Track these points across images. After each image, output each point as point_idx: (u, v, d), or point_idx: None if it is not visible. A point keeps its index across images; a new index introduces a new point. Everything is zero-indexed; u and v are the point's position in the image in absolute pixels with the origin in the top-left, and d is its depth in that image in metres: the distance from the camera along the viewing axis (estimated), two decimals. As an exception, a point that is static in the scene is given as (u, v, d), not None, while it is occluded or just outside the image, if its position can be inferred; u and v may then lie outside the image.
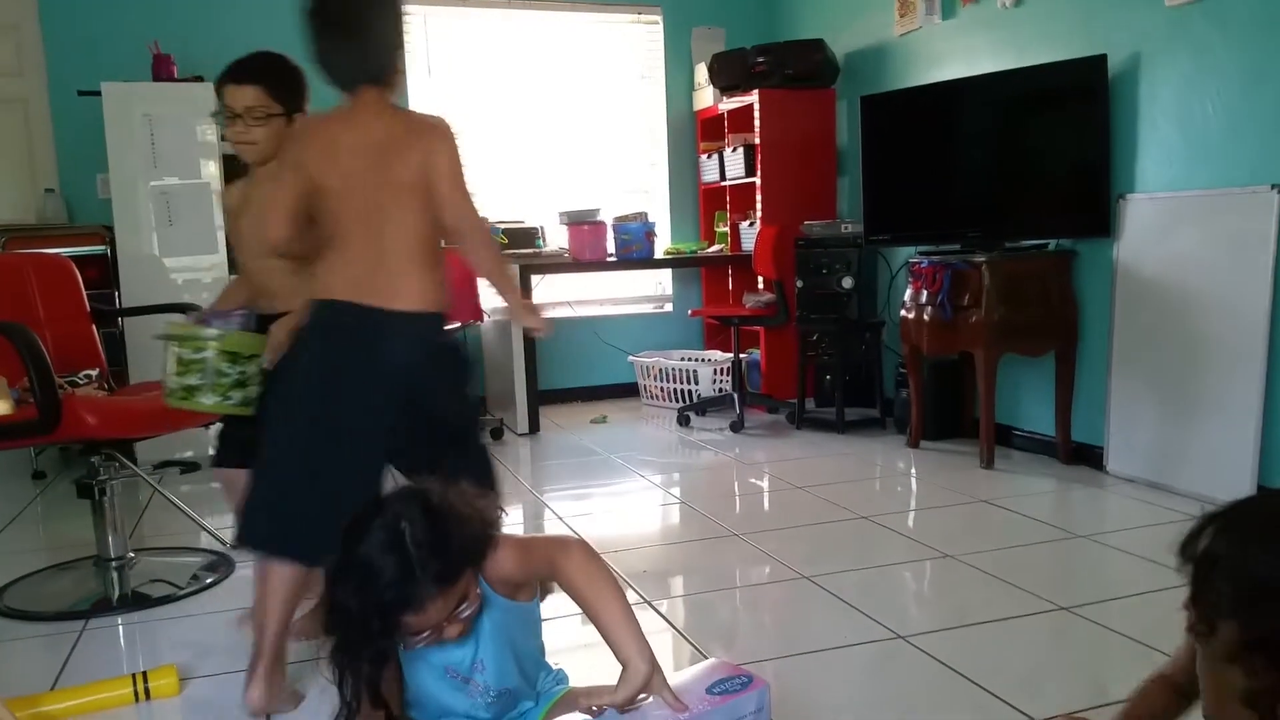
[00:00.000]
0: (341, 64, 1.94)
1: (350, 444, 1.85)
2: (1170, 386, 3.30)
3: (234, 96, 2.16)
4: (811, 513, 3.21)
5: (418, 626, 1.38)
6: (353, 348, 1.87)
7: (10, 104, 4.65)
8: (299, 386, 1.89)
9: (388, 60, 1.96)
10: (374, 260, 1.89)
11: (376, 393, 1.85)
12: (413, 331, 1.90)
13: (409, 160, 1.90)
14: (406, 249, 1.91)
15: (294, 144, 2.04)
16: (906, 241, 4.34)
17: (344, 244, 1.91)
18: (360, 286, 1.88)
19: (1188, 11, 3.18)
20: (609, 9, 5.54)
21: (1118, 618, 2.23)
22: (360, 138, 1.91)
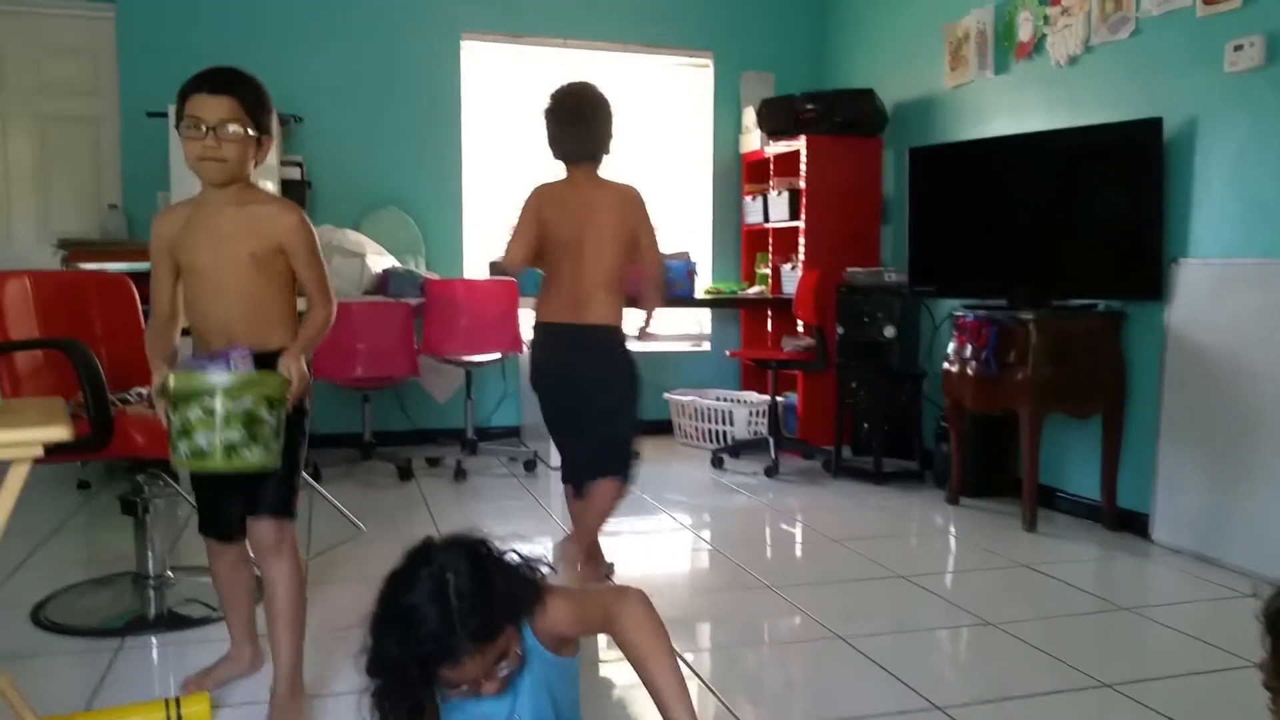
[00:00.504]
0: (569, 146, 2.87)
1: (575, 413, 2.89)
2: (1220, 456, 3.24)
3: (207, 107, 1.94)
4: (846, 567, 3.17)
5: (455, 680, 1.37)
6: (562, 352, 2.88)
7: (83, 122, 4.82)
8: (551, 388, 2.94)
9: (600, 146, 2.86)
10: (574, 289, 2.82)
11: (584, 382, 2.86)
12: (597, 336, 2.84)
13: (610, 217, 2.81)
14: (600, 281, 2.82)
15: (536, 199, 2.90)
16: (951, 294, 4.31)
17: (556, 277, 2.85)
18: (566, 310, 2.84)
19: (1248, 79, 3.15)
20: (662, 51, 5.60)
21: (1162, 698, 2.18)
22: (580, 200, 2.82)
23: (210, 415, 1.78)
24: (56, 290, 2.87)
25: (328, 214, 4.89)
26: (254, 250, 1.99)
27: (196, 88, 1.96)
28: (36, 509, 3.74)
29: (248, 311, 2.01)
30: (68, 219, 4.74)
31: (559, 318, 2.86)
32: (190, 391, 1.79)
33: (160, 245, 2.05)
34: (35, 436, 1.74)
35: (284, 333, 2.06)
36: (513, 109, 5.40)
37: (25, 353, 2.61)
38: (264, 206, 2.05)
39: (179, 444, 1.82)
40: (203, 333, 2.05)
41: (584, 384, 2.87)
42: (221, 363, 1.88)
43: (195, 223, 2.01)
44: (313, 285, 2.10)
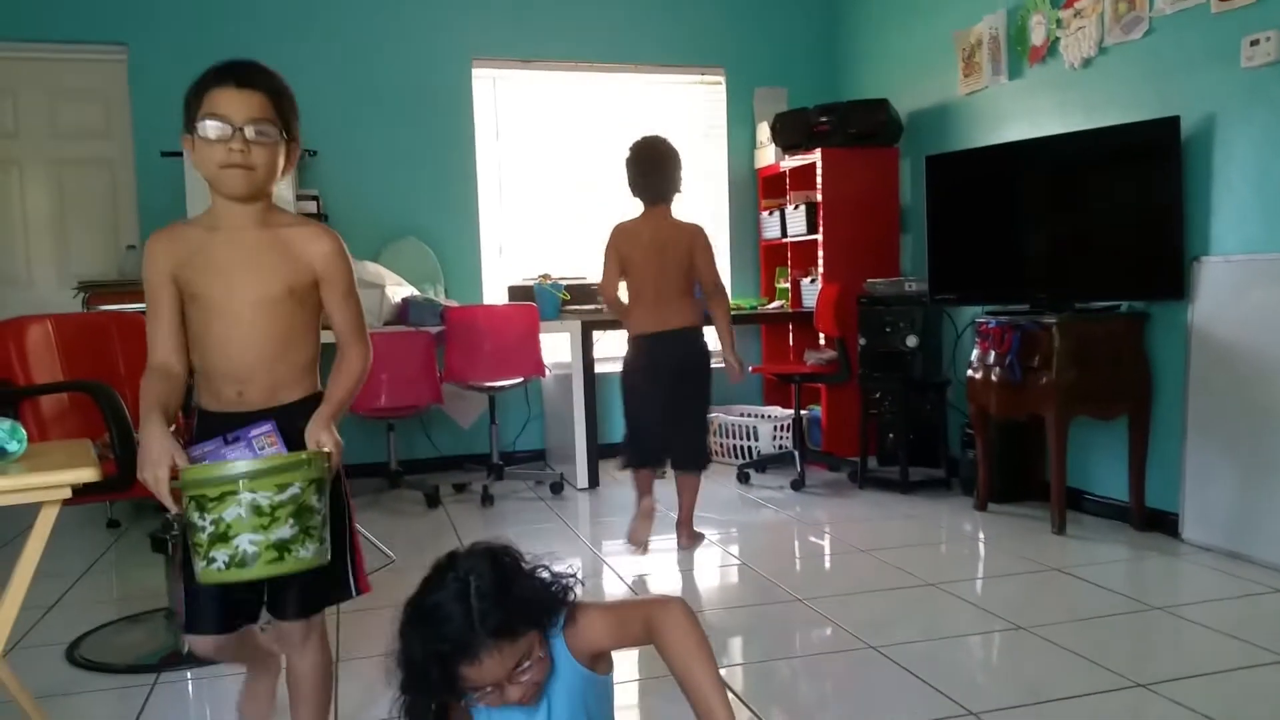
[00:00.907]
0: (647, 191, 3.51)
1: (660, 404, 3.51)
2: (1248, 452, 3.20)
3: (234, 103, 1.65)
4: (876, 577, 3.15)
5: (476, 680, 1.37)
6: (646, 353, 3.52)
7: (98, 164, 4.88)
8: (638, 380, 3.57)
9: (670, 190, 3.53)
10: (655, 304, 3.48)
11: (662, 373, 3.49)
12: (682, 337, 3.50)
13: (679, 248, 3.48)
14: (675, 294, 3.49)
15: (615, 238, 3.53)
16: (973, 301, 4.29)
17: (640, 296, 3.51)
18: (652, 322, 3.49)
19: (1265, 73, 3.13)
20: (673, 70, 5.63)
21: (1198, 696, 2.15)
22: (654, 234, 3.48)
23: (256, 513, 1.47)
24: (78, 332, 2.91)
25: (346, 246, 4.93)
26: (290, 283, 1.69)
27: (220, 80, 1.65)
28: (67, 549, 3.79)
29: (271, 355, 1.69)
30: (86, 261, 4.81)
31: (647, 329, 3.51)
32: (223, 486, 1.46)
33: (160, 271, 1.69)
34: (64, 479, 1.77)
35: (307, 382, 1.76)
36: (528, 136, 5.45)
37: (51, 396, 2.65)
38: (295, 229, 1.74)
39: (213, 552, 1.48)
40: (210, 378, 1.73)
41: (670, 379, 3.51)
42: (242, 446, 1.58)
43: (209, 246, 1.68)
44: (348, 325, 1.79)
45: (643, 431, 3.58)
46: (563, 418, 4.93)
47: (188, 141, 1.67)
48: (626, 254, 3.49)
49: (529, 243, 5.49)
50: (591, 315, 4.98)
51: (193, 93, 1.67)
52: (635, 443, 3.61)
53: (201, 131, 1.63)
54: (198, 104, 1.65)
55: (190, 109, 1.66)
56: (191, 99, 1.66)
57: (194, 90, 1.67)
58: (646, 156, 3.52)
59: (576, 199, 5.49)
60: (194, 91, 1.67)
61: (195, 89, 1.67)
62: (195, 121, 1.64)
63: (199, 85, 1.67)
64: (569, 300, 4.99)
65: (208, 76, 1.67)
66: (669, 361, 3.50)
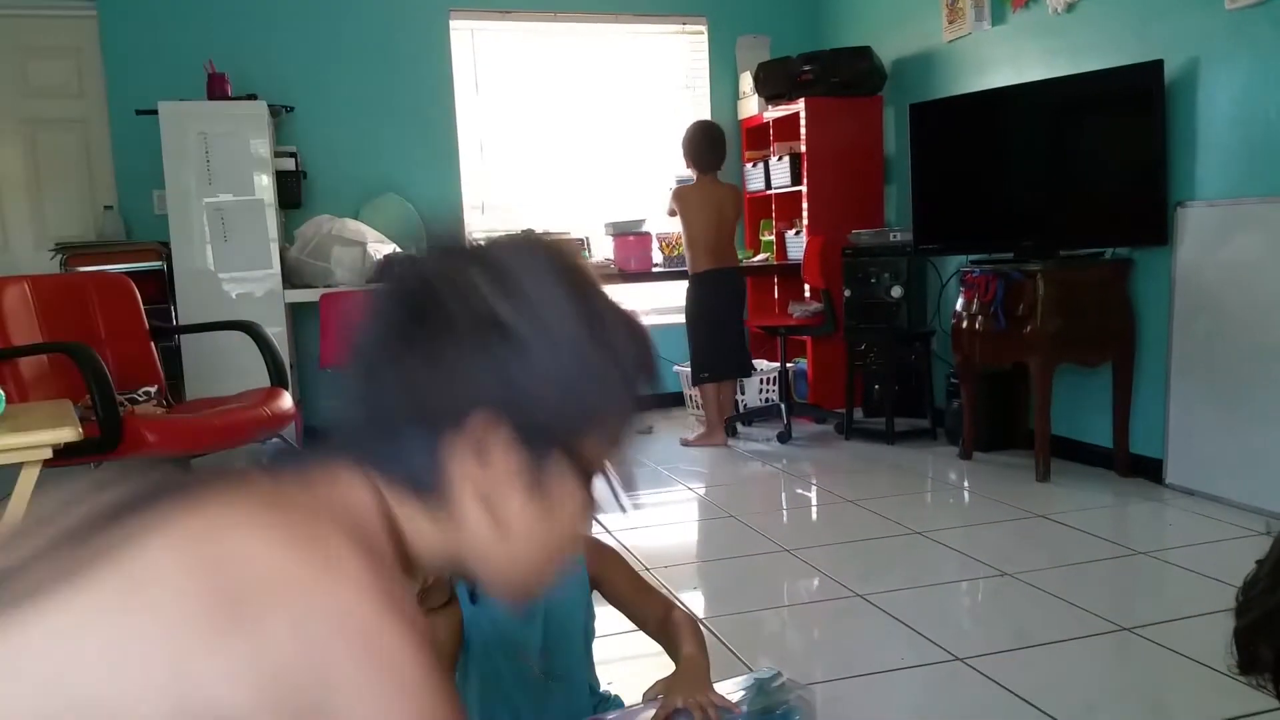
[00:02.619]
0: (706, 162, 4.54)
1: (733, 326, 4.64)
2: (1231, 397, 3.22)
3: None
4: (863, 527, 3.18)
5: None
6: (721, 285, 4.56)
7: (71, 124, 4.78)
8: (715, 305, 4.58)
9: (721, 162, 4.59)
10: (715, 247, 4.50)
11: (734, 300, 4.64)
12: (736, 273, 4.69)
13: (725, 205, 4.56)
14: (727, 239, 4.58)
15: (678, 199, 4.54)
16: (957, 250, 4.28)
17: (700, 242, 4.50)
18: (713, 260, 4.51)
19: (1249, 14, 3.10)
20: (654, 19, 5.55)
21: (1182, 639, 2.17)
22: (711, 194, 4.53)
23: None
24: (57, 293, 2.88)
25: (325, 204, 4.88)
26: None
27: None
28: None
29: None
30: (63, 223, 4.73)
31: (710, 265, 4.51)
32: None
33: None
34: (43, 439, 1.76)
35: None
36: (507, 90, 5.37)
37: (31, 358, 2.62)
38: None
39: None
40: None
41: (731, 303, 4.62)
42: None
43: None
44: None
45: (726, 347, 4.57)
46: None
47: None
48: (689, 210, 4.49)
49: (511, 197, 5.43)
50: (576, 270, 4.95)
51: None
52: (720, 356, 4.57)
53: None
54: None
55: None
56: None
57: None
58: (715, 136, 4.58)
59: (557, 152, 5.43)
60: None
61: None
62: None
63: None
64: (553, 256, 4.96)
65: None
66: (732, 288, 4.62)
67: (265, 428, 2.84)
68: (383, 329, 0.72)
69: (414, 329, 0.69)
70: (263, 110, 4.29)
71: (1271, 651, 0.99)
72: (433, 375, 0.68)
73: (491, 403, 0.67)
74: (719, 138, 4.60)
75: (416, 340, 0.69)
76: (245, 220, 4.22)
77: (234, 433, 2.79)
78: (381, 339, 0.72)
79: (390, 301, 0.73)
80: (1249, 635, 1.01)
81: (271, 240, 4.27)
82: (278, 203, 4.42)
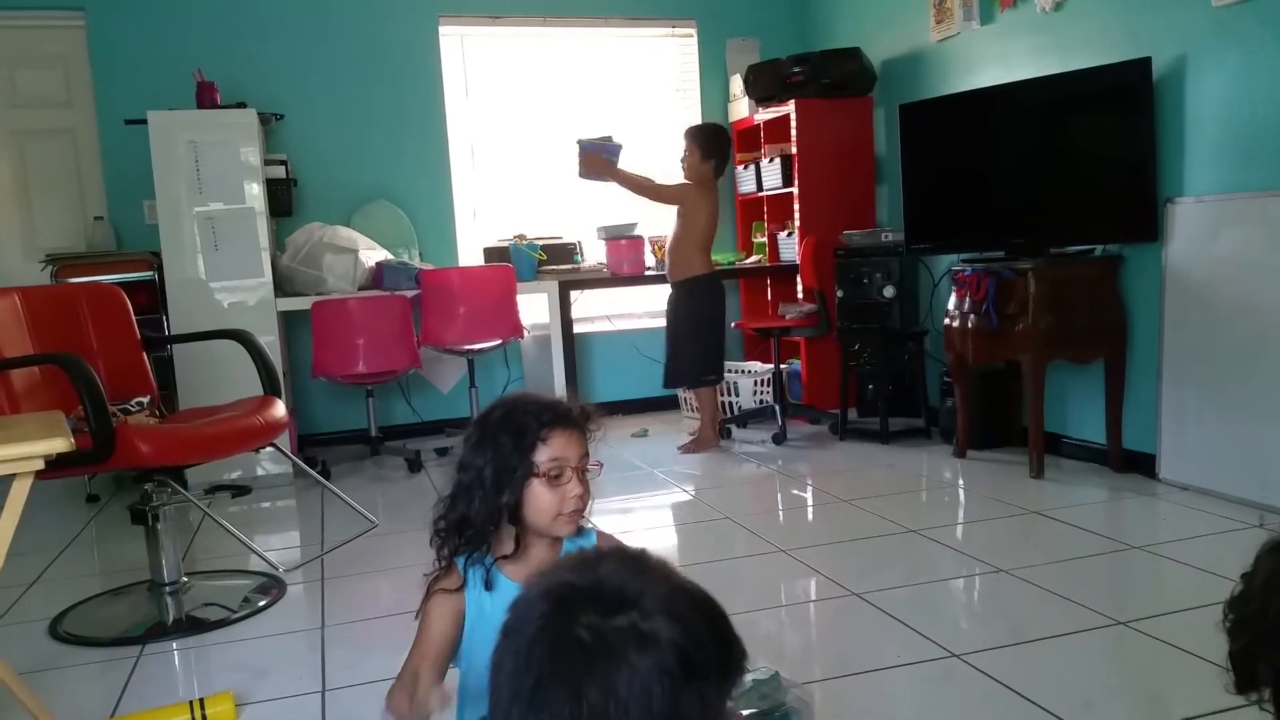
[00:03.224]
0: (723, 166, 4.50)
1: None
2: (1224, 391, 3.23)
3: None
4: (858, 526, 3.18)
5: (559, 450, 1.41)
6: (721, 288, 4.64)
7: (60, 134, 4.77)
8: (722, 306, 4.62)
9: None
10: (711, 250, 4.55)
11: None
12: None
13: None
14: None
15: (701, 196, 4.41)
16: (949, 249, 4.30)
17: (709, 244, 4.51)
18: (712, 262, 4.59)
19: (1235, 11, 3.12)
20: (643, 23, 5.56)
21: (1177, 632, 2.18)
22: (716, 198, 4.48)
23: None
24: (48, 305, 2.87)
25: (316, 211, 4.88)
26: None
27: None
28: (47, 525, 3.76)
29: None
30: (53, 234, 4.71)
31: (713, 268, 4.57)
32: None
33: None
34: (35, 450, 1.75)
35: None
36: (498, 95, 5.37)
37: (22, 370, 2.61)
38: None
39: None
40: None
41: (726, 306, 4.70)
42: None
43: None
44: None
45: (723, 350, 4.63)
46: (543, 379, 4.91)
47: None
48: (709, 209, 4.44)
49: (503, 203, 5.43)
50: (569, 275, 4.95)
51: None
52: (721, 359, 4.61)
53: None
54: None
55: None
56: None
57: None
58: (728, 139, 4.64)
59: (549, 157, 5.43)
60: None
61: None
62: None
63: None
64: (545, 260, 4.96)
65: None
66: (723, 291, 4.67)
67: (259, 437, 2.82)
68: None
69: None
70: (252, 118, 4.29)
71: (1270, 671, 0.99)
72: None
73: None
74: (729, 142, 4.67)
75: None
76: (236, 229, 4.22)
77: (227, 442, 2.78)
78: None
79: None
80: (1246, 657, 1.02)
81: (263, 248, 4.26)
82: (269, 211, 4.41)
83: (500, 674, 0.82)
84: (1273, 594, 1.01)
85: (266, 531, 3.65)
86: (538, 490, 1.42)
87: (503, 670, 0.82)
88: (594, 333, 5.51)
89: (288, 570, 2.99)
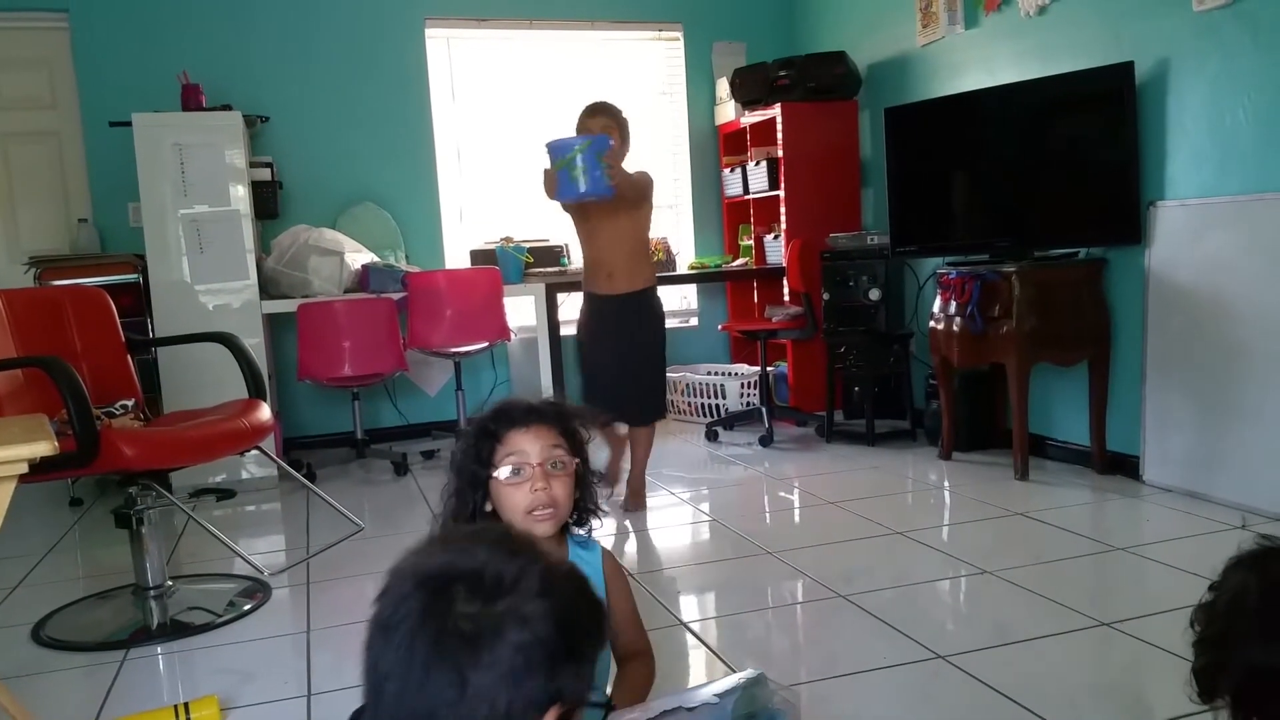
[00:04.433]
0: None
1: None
2: (1207, 394, 3.26)
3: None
4: (845, 528, 3.19)
5: (516, 445, 1.44)
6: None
7: (44, 136, 4.74)
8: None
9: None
10: None
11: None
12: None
13: None
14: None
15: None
16: (934, 252, 4.32)
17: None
18: None
19: (1216, 16, 3.14)
20: (630, 26, 5.56)
21: (1161, 633, 2.19)
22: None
23: None
24: (32, 308, 2.85)
25: (301, 214, 4.86)
26: None
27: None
28: (30, 530, 3.74)
29: None
30: (37, 236, 4.68)
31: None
32: None
33: None
34: (19, 454, 1.74)
35: None
36: (484, 97, 5.37)
37: (5, 373, 2.60)
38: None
39: None
40: None
41: None
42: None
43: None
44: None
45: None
46: (530, 382, 4.91)
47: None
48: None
49: (490, 206, 5.43)
50: (555, 278, 4.95)
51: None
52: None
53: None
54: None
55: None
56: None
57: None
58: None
59: (536, 161, 5.41)
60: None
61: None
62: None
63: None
64: (532, 263, 4.96)
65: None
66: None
67: (244, 440, 2.82)
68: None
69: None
70: (238, 121, 4.27)
71: (1230, 685, 1.07)
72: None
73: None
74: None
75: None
76: (221, 231, 4.20)
77: (213, 445, 2.77)
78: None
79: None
80: (1207, 673, 1.09)
81: (248, 251, 4.25)
82: (254, 213, 4.40)
83: (378, 673, 0.84)
84: (1235, 617, 1.07)
85: (251, 535, 3.63)
86: (502, 490, 1.45)
87: (380, 668, 0.83)
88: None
89: (273, 574, 2.98)
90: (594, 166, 3.30)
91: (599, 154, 3.31)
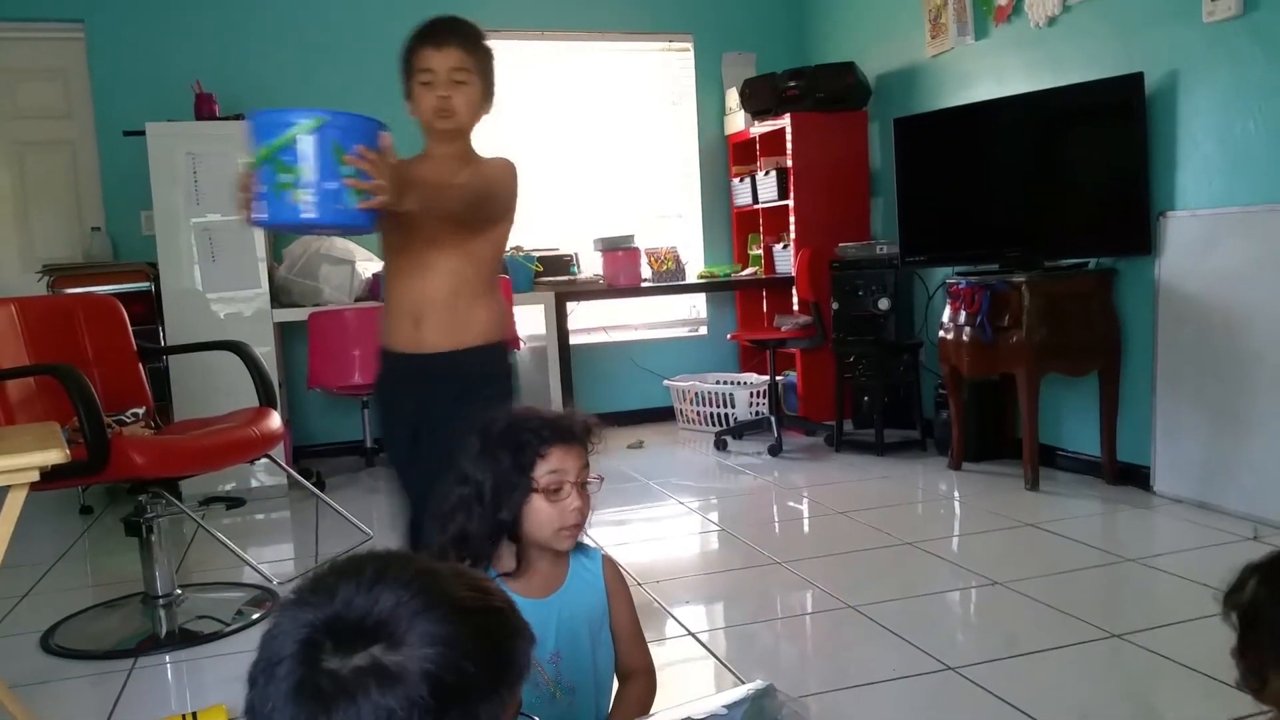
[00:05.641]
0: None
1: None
2: (1217, 404, 3.24)
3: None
4: (854, 539, 3.18)
5: (558, 464, 1.41)
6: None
7: (59, 145, 4.79)
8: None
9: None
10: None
11: None
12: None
13: None
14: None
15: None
16: (943, 262, 4.31)
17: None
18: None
19: (1227, 27, 3.14)
20: (640, 37, 5.58)
21: (1171, 645, 2.18)
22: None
23: None
24: (44, 316, 2.87)
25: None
26: None
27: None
28: (40, 537, 3.75)
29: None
30: (51, 244, 4.72)
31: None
32: None
33: None
34: (31, 461, 1.75)
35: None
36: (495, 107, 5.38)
37: (18, 380, 2.61)
38: None
39: None
40: None
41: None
42: None
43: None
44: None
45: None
46: (538, 390, 4.92)
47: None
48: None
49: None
50: (565, 286, 4.96)
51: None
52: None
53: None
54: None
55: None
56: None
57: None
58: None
59: (546, 169, 5.44)
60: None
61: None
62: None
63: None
64: (542, 272, 4.97)
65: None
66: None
67: (254, 448, 2.82)
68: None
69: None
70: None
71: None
72: None
73: None
74: None
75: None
76: (233, 240, 4.22)
77: (223, 453, 2.78)
78: None
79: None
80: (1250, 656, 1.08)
81: (259, 259, 4.26)
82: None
83: (253, 715, 0.75)
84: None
85: (261, 544, 3.64)
86: (537, 505, 1.42)
87: (256, 713, 0.75)
88: (590, 344, 5.52)
89: (282, 583, 2.98)
90: (328, 173, 1.77)
91: (346, 148, 1.79)
